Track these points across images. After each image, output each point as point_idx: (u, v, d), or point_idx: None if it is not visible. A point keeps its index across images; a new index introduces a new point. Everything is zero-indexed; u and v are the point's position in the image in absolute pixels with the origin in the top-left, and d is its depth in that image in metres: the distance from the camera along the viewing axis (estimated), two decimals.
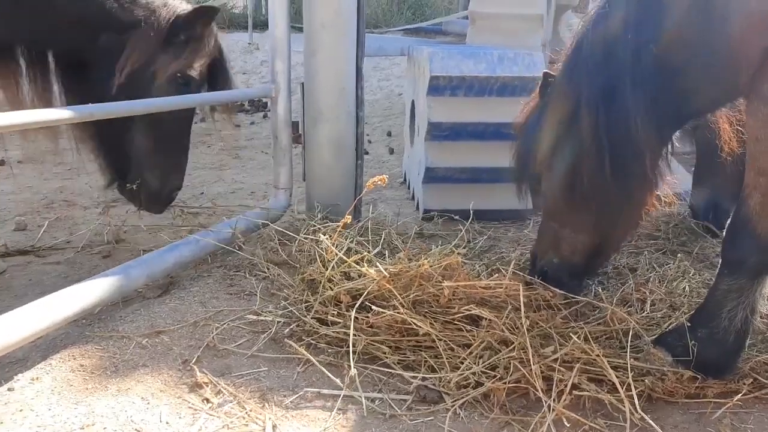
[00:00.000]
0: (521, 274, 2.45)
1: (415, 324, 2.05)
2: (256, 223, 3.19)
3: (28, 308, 1.93)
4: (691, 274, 2.68)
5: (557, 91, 2.30)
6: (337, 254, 2.34)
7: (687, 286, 2.56)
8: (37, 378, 1.90)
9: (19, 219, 3.49)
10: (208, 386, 1.92)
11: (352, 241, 2.61)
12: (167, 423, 1.74)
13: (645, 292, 2.50)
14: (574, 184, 2.24)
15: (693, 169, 3.57)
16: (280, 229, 2.95)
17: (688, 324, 2.05)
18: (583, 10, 6.44)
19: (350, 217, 2.40)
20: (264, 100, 7.01)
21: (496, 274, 2.38)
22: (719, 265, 2.08)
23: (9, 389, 1.84)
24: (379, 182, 2.32)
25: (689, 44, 1.96)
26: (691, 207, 3.45)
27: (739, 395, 1.86)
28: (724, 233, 2.33)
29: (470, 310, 2.06)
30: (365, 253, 2.43)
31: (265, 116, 7.22)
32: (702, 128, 2.90)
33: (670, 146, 2.30)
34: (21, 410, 1.74)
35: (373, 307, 2.12)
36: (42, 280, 2.81)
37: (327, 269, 2.34)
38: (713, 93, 2.10)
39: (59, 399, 1.81)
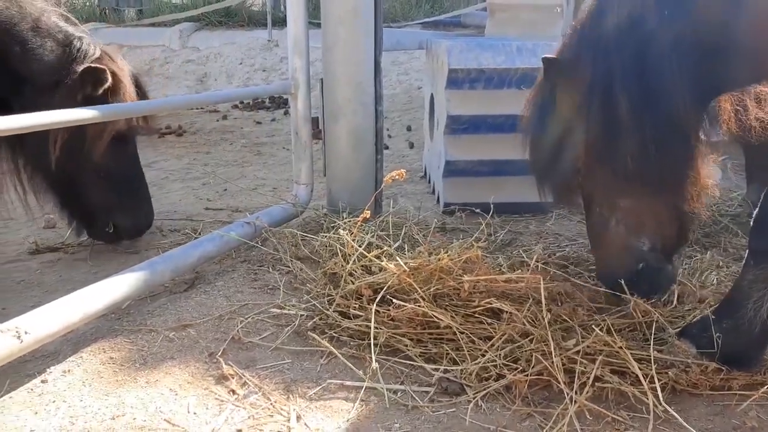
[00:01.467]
0: (553, 269, 2.40)
1: (435, 317, 2.07)
2: (279, 219, 3.23)
3: (59, 303, 1.99)
4: (719, 267, 2.65)
5: (578, 75, 2.15)
6: (357, 249, 2.36)
7: (716, 279, 2.53)
8: (68, 370, 1.96)
9: (48, 217, 3.57)
10: (233, 378, 1.95)
11: (372, 236, 2.63)
12: (195, 413, 1.79)
13: (674, 285, 2.47)
14: (624, 169, 2.10)
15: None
16: (301, 225, 2.98)
17: (713, 316, 2.04)
18: None
19: (369, 212, 2.42)
20: (284, 96, 7.06)
21: (519, 270, 2.35)
22: (746, 256, 2.06)
23: (42, 381, 1.90)
24: (396, 177, 2.33)
25: (721, 24, 1.91)
26: (750, 203, 3.41)
27: (766, 387, 1.84)
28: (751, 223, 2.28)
29: (491, 303, 2.06)
30: (385, 248, 2.45)
31: (285, 113, 7.27)
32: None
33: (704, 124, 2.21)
34: (54, 401, 1.80)
35: (394, 300, 2.14)
36: (71, 276, 2.88)
37: (348, 263, 2.36)
38: (743, 72, 2.05)
39: (90, 390, 1.86)
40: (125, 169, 3.01)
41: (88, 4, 12.37)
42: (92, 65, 2.68)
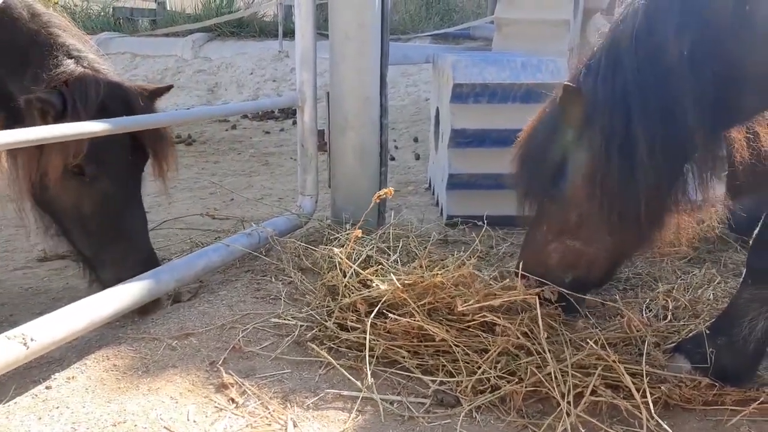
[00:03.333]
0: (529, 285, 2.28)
1: (431, 330, 2.10)
2: (283, 229, 3.28)
3: (65, 310, 2.03)
4: (716, 282, 2.66)
5: (593, 105, 2.06)
6: (350, 266, 2.40)
7: (712, 295, 2.55)
8: (72, 377, 2.00)
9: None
10: (233, 387, 1.99)
11: (372, 249, 2.67)
12: (194, 421, 1.82)
13: (668, 300, 2.50)
14: (619, 208, 2.06)
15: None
16: (305, 235, 3.02)
17: (708, 332, 2.05)
18: (611, 12, 6.39)
19: (360, 231, 2.46)
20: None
21: (505, 281, 2.34)
22: (743, 274, 2.07)
23: (47, 387, 1.94)
24: (383, 196, 2.41)
25: (740, 59, 1.90)
26: (729, 220, 3.41)
27: (756, 403, 1.85)
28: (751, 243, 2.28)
29: (485, 318, 2.09)
30: (382, 263, 2.49)
31: (294, 123, 7.35)
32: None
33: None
34: (57, 407, 1.84)
35: (389, 314, 2.17)
36: (78, 283, 2.93)
37: (345, 277, 2.41)
38: (756, 102, 2.05)
39: (93, 397, 1.90)
40: (101, 211, 2.44)
41: (102, 14, 12.58)
42: (30, 95, 2.30)
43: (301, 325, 2.36)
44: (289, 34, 10.07)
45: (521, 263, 2.36)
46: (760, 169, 2.26)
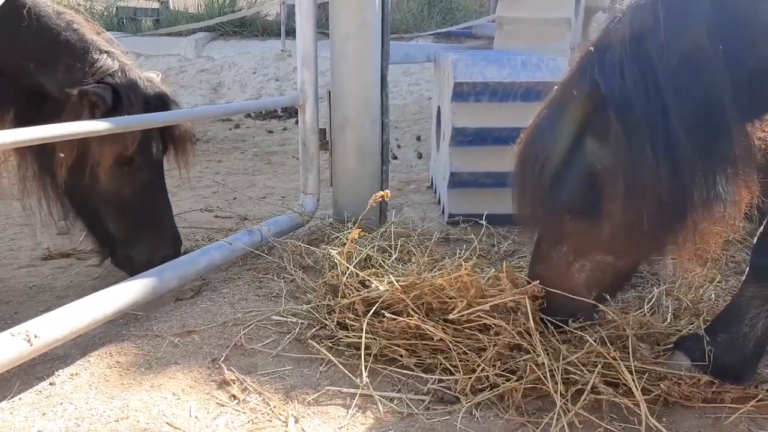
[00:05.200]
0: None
1: (428, 330, 2.11)
2: (285, 228, 3.30)
3: (69, 308, 2.06)
4: (716, 281, 2.67)
5: (623, 114, 1.84)
6: (348, 267, 2.42)
7: (713, 294, 2.55)
8: (76, 374, 2.02)
9: (61, 224, 3.66)
10: (235, 383, 2.01)
11: (372, 248, 2.69)
12: (196, 417, 1.84)
13: (669, 299, 2.50)
14: (638, 221, 1.87)
15: None
16: (307, 234, 3.03)
17: (708, 329, 2.06)
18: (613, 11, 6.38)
19: (358, 232, 2.49)
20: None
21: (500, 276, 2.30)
22: (746, 272, 2.08)
23: (50, 384, 1.97)
24: (379, 198, 2.45)
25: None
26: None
27: (755, 401, 1.86)
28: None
29: (481, 318, 2.10)
30: (382, 263, 2.50)
31: (297, 122, 7.36)
32: None
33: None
34: (61, 403, 1.87)
35: (386, 314, 2.18)
36: (82, 281, 2.96)
37: (344, 277, 2.42)
38: None
39: (96, 393, 1.93)
40: (141, 196, 2.69)
41: (106, 13, 12.62)
42: (86, 88, 2.46)
43: (302, 323, 2.37)
44: (292, 33, 10.03)
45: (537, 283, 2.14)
46: None
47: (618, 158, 1.87)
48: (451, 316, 2.12)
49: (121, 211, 2.69)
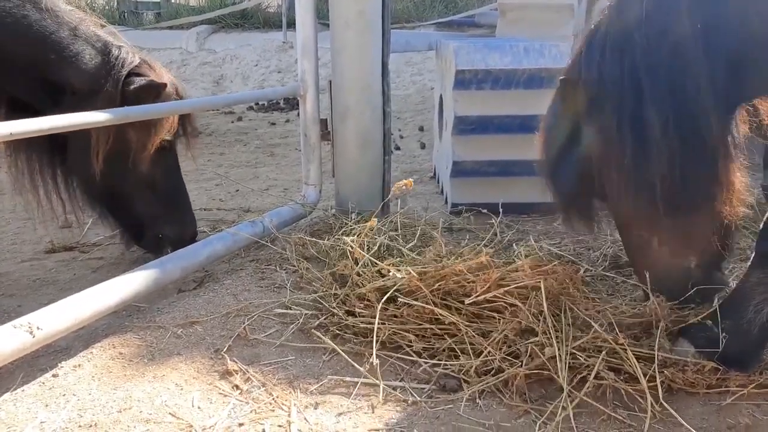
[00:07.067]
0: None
1: (441, 315, 2.11)
2: (288, 219, 3.29)
3: (71, 300, 2.06)
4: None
5: (603, 94, 1.96)
6: (364, 255, 2.41)
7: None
8: (79, 365, 2.03)
9: (64, 217, 3.66)
10: (237, 374, 2.01)
11: (384, 236, 2.68)
12: (199, 407, 1.84)
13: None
14: (654, 192, 1.95)
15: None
16: (310, 225, 3.02)
17: (713, 316, 2.04)
18: None
19: (375, 220, 2.47)
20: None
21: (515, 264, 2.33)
22: (752, 258, 2.06)
23: (53, 375, 1.97)
24: (404, 187, 2.42)
25: (755, 31, 1.83)
26: (764, 188, 3.44)
27: (754, 384, 1.85)
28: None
29: (495, 299, 2.09)
30: (401, 251, 2.49)
31: (299, 114, 7.35)
32: None
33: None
34: (64, 395, 1.87)
35: (400, 297, 2.18)
36: (85, 274, 2.96)
37: (358, 265, 2.41)
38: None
39: (99, 384, 1.93)
40: (169, 178, 2.92)
41: (107, 7, 12.59)
42: (151, 80, 2.65)
43: (306, 313, 2.37)
44: (293, 25, 10.00)
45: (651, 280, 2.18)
46: None
47: (603, 144, 1.99)
48: (468, 301, 2.12)
49: (154, 193, 2.86)
